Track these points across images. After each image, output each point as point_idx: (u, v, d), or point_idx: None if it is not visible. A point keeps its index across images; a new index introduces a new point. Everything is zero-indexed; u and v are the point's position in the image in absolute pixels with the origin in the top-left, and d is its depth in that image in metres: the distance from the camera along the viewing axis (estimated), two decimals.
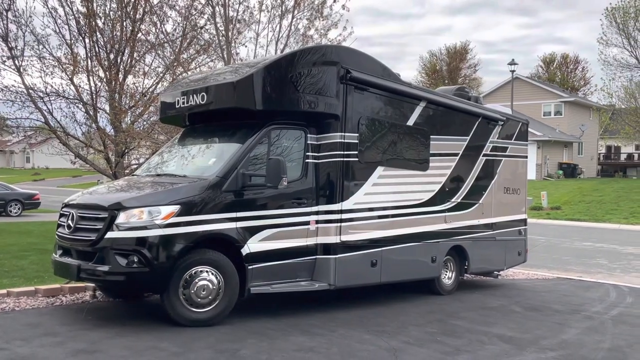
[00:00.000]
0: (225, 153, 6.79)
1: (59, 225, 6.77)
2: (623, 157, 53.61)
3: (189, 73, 9.58)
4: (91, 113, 13.21)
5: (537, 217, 23.86)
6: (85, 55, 12.95)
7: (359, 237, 7.48)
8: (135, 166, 14.38)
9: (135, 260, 5.91)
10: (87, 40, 12.85)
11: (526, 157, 11.24)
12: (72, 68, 12.49)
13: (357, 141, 7.38)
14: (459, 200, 9.17)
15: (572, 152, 46.02)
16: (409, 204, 8.31)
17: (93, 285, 7.68)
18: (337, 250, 7.16)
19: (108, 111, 13.14)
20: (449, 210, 8.98)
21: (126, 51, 12.96)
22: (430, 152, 8.64)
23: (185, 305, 6.13)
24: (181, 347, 5.50)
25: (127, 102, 13.22)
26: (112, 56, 12.91)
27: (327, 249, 7.13)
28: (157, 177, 7.05)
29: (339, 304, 7.70)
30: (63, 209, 6.78)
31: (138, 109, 12.97)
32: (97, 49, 12.84)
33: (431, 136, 8.64)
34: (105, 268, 5.98)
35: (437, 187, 8.79)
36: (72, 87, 12.77)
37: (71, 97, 12.94)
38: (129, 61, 12.97)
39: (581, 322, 7.53)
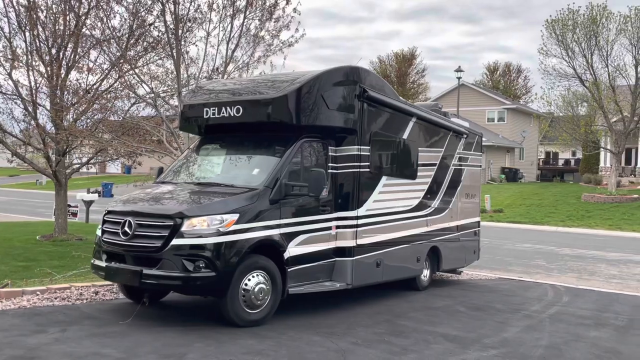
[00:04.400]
0: (267, 164, 7.23)
1: (104, 232, 6.83)
2: (561, 162, 56.29)
3: (208, 81, 9.34)
4: (30, 110, 12.67)
5: (481, 220, 24.58)
6: (25, 50, 12.42)
7: (369, 240, 8.12)
8: (77, 165, 13.88)
9: (202, 265, 6.19)
10: (27, 34, 12.32)
11: (481, 166, 12.39)
12: (10, 62, 11.93)
13: (369, 153, 8.00)
14: (436, 206, 10.11)
15: (514, 157, 47.84)
16: (403, 209, 9.09)
17: (33, 289, 7.36)
18: (354, 252, 7.74)
19: (49, 108, 12.64)
20: (429, 214, 9.88)
21: (69, 46, 12.50)
22: (418, 162, 9.51)
23: (244, 307, 6.45)
24: (125, 353, 5.34)
25: (70, 99, 12.75)
26: (54, 51, 12.43)
27: (346, 251, 7.70)
28: (204, 186, 7.25)
29: (290, 306, 7.66)
30: (109, 216, 6.87)
31: (81, 107, 12.52)
32: (38, 43, 12.33)
33: (419, 148, 9.51)
34: (172, 273, 6.19)
35: (421, 194, 9.66)
36: (10, 82, 12.23)
37: (9, 92, 12.38)
38: (72, 56, 12.52)
39: (521, 320, 7.82)
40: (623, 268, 13.88)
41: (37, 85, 12.67)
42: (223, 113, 7.43)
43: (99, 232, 6.98)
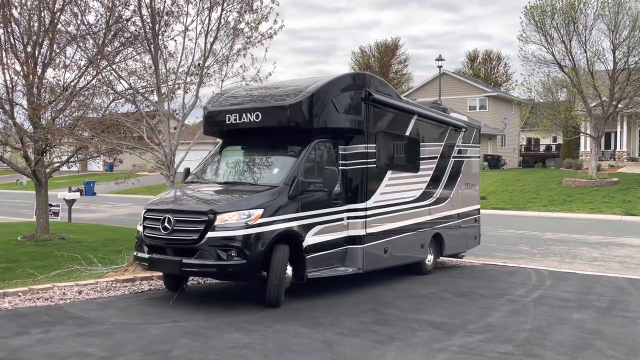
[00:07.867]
0: (285, 164, 7.99)
1: (145, 228, 7.52)
2: (542, 148, 56.87)
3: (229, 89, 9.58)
4: (7, 108, 12.45)
5: None
6: None
7: (377, 229, 8.86)
8: (57, 164, 13.69)
9: (234, 254, 6.92)
10: (1, 31, 12.10)
11: (479, 157, 13.11)
12: None
13: (375, 151, 8.75)
14: (438, 196, 10.82)
15: (496, 144, 48.23)
16: (407, 200, 9.83)
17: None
18: (364, 240, 8.48)
19: (26, 107, 12.43)
20: (432, 204, 10.61)
21: (45, 43, 12.29)
22: (420, 156, 10.20)
23: (283, 291, 7.21)
24: (109, 352, 5.30)
25: (47, 97, 12.56)
26: (29, 48, 12.21)
27: (357, 240, 8.45)
28: (231, 185, 7.97)
29: None
30: (149, 214, 7.54)
31: (59, 104, 12.33)
32: (12, 40, 12.11)
33: (420, 143, 10.20)
34: (208, 262, 6.94)
35: (424, 186, 10.39)
36: None
37: None
38: (48, 54, 12.31)
39: (505, 305, 7.91)
40: (604, 250, 14.12)
41: (13, 83, 12.46)
42: (244, 119, 8.20)
43: (140, 228, 7.65)
